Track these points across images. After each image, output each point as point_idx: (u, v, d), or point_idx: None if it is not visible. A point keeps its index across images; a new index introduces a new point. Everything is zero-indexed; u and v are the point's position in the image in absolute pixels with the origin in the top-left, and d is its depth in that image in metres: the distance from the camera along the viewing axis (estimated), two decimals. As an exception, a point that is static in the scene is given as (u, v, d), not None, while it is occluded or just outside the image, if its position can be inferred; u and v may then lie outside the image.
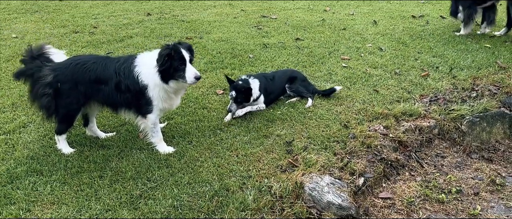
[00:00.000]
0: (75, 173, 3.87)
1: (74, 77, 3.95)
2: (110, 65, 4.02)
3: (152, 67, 3.93)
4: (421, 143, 4.81)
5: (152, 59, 3.97)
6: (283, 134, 4.55)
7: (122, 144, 4.33)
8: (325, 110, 5.08)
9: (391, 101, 5.30)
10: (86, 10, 9.36)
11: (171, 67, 3.89)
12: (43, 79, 3.93)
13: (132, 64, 4.00)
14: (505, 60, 6.48)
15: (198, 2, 10.08)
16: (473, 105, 5.24)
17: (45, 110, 4.04)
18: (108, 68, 3.99)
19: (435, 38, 7.42)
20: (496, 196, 4.17)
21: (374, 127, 4.74)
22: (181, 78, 3.95)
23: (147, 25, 8.18)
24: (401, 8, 9.41)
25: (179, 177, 3.82)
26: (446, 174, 4.48)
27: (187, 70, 3.92)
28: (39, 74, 3.96)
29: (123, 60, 4.06)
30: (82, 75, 3.96)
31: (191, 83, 3.99)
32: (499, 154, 4.98)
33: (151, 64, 3.94)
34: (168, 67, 3.89)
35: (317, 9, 9.44)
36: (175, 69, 3.91)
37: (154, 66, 3.92)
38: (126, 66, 3.99)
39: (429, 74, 6.04)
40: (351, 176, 4.01)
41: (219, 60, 6.46)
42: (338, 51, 6.89)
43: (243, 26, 8.18)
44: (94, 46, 7.00)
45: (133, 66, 3.98)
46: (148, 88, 3.98)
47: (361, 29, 7.92)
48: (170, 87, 4.01)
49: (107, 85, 3.98)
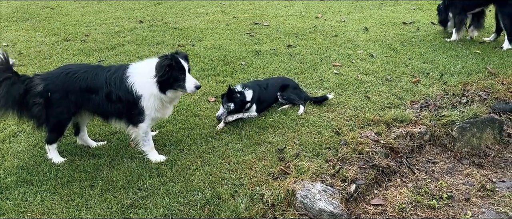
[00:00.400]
0: (65, 182, 3.84)
1: (64, 87, 3.93)
2: (101, 74, 4.00)
3: (148, 77, 3.89)
4: (412, 149, 4.84)
5: (146, 69, 3.95)
6: (275, 141, 4.55)
7: (113, 153, 4.31)
8: (317, 116, 5.10)
9: (382, 107, 5.33)
10: (77, 18, 9.33)
11: (170, 78, 3.88)
12: (33, 89, 3.91)
13: (125, 74, 3.97)
14: (495, 66, 6.55)
15: (190, 10, 10.09)
16: (464, 111, 5.28)
17: (35, 119, 4.00)
18: (99, 78, 3.97)
19: (425, 45, 7.48)
20: (487, 201, 4.20)
21: (365, 133, 4.76)
22: (181, 88, 3.95)
23: (139, 33, 8.17)
24: (392, 15, 9.49)
25: (170, 186, 3.80)
26: (437, 180, 4.50)
27: (187, 80, 3.93)
28: (30, 84, 3.94)
29: (114, 69, 4.04)
30: (73, 84, 3.94)
31: (191, 93, 4.02)
32: (490, 159, 5.02)
33: (147, 74, 3.91)
34: (168, 78, 3.87)
35: (309, 16, 9.49)
36: (175, 80, 3.91)
37: (150, 76, 3.89)
38: (118, 76, 3.97)
39: (420, 80, 6.09)
40: (343, 182, 4.02)
41: (211, 67, 6.47)
42: (330, 58, 6.92)
43: (235, 33, 8.20)
44: (85, 54, 6.98)
45: (125, 76, 3.95)
46: (142, 98, 3.95)
47: (353, 36, 7.97)
48: (167, 97, 4.00)
49: (97, 94, 3.96)
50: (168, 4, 10.65)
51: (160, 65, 3.86)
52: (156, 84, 3.89)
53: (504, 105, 5.73)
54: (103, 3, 10.72)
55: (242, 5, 10.56)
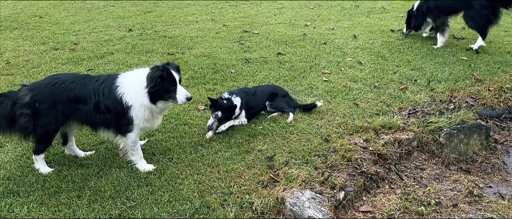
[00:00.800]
0: (53, 193, 3.81)
1: (52, 97, 3.90)
2: (89, 84, 3.98)
3: (138, 88, 3.89)
4: (401, 156, 4.87)
5: (136, 79, 3.94)
6: (264, 149, 4.56)
7: (101, 163, 4.28)
8: (306, 124, 5.12)
9: (370, 114, 5.37)
10: (66, 27, 9.29)
11: (161, 89, 3.88)
12: (20, 100, 3.87)
13: (114, 84, 3.95)
14: (482, 73, 6.64)
15: (180, 18, 10.10)
16: (451, 117, 5.34)
17: (22, 130, 3.96)
18: (87, 88, 3.96)
19: (413, 52, 7.57)
20: (474, 207, 4.23)
21: (354, 140, 4.79)
22: (172, 99, 3.96)
23: (129, 41, 8.16)
24: (380, 22, 9.58)
25: (159, 195, 3.79)
26: (425, 186, 4.54)
27: (178, 91, 3.93)
28: (17, 95, 3.90)
29: (103, 79, 4.03)
30: (60, 94, 3.92)
31: (182, 104, 4.01)
32: (477, 165, 5.07)
33: (137, 85, 3.91)
34: (159, 89, 3.87)
35: (298, 24, 9.56)
36: (166, 91, 3.90)
37: (140, 86, 3.88)
38: (107, 86, 3.96)
39: (408, 87, 6.15)
40: (332, 190, 4.03)
41: (201, 75, 6.47)
42: (319, 65, 6.97)
43: (225, 41, 8.23)
44: (74, 63, 6.95)
45: (115, 86, 3.93)
46: (131, 109, 3.94)
47: (341, 44, 8.03)
48: (157, 107, 4.00)
49: (86, 104, 3.95)
50: (158, 13, 10.66)
51: (151, 77, 3.84)
52: (146, 95, 3.88)
53: (490, 112, 5.80)
54: (92, 12, 10.70)
55: (232, 13, 10.60)
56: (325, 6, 11.10)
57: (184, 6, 11.25)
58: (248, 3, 11.58)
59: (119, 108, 3.92)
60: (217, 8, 11.05)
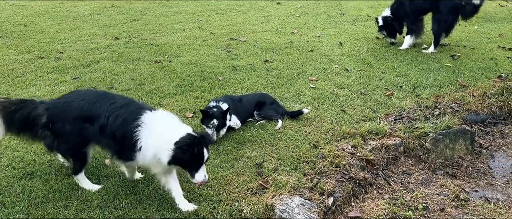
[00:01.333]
0: (39, 203, 3.75)
1: (66, 116, 3.73)
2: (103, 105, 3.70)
3: (161, 142, 3.44)
4: (388, 161, 4.93)
5: (163, 133, 3.48)
6: (253, 156, 4.57)
7: (88, 172, 4.23)
8: (295, 130, 5.14)
9: (357, 120, 5.43)
10: (52, 35, 9.20)
11: (186, 161, 3.49)
12: (39, 119, 3.74)
13: (135, 122, 3.53)
14: (466, 79, 6.76)
15: (167, 26, 10.09)
16: (436, 122, 5.42)
17: (47, 148, 3.90)
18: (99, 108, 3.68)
19: (398, 59, 7.68)
20: (461, 211, 4.29)
21: (342, 146, 4.83)
22: (189, 173, 3.58)
23: (115, 49, 8.11)
24: (365, 30, 9.70)
25: (147, 204, 3.76)
26: (413, 191, 4.59)
27: (200, 171, 3.53)
28: (36, 112, 3.77)
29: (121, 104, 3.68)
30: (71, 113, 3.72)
31: (195, 183, 3.64)
32: (463, 169, 5.15)
33: (161, 139, 3.46)
34: (183, 159, 3.47)
35: (285, 31, 9.62)
36: (188, 165, 3.53)
37: (163, 141, 3.42)
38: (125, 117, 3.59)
39: (393, 93, 6.23)
40: (321, 196, 4.06)
41: (188, 83, 6.46)
42: (306, 72, 7.02)
43: (213, 49, 8.24)
44: (60, 72, 6.88)
45: (135, 125, 3.52)
46: (140, 152, 3.54)
47: (328, 51, 8.11)
48: (169, 168, 3.62)
49: (92, 125, 3.69)
50: (144, 21, 10.62)
51: (182, 151, 3.40)
52: (167, 155, 3.43)
53: (475, 117, 5.91)
54: (78, 20, 10.62)
55: (219, 21, 10.63)
56: (311, 14, 11.20)
57: (171, 14, 11.24)
58: (235, 11, 11.62)
59: (127, 143, 3.56)
60: (204, 16, 11.06)
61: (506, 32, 9.29)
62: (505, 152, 5.56)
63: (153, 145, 3.47)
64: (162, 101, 5.79)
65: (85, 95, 3.87)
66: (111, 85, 6.34)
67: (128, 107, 3.67)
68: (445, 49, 8.30)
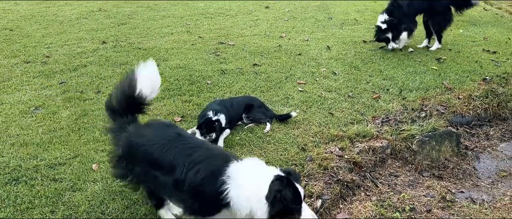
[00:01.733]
0: (25, 209, 3.71)
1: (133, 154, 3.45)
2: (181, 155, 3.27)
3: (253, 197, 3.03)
4: (375, 163, 4.97)
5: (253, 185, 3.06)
6: (241, 160, 4.56)
7: (75, 177, 4.19)
8: (283, 133, 5.16)
9: (345, 123, 5.47)
10: (38, 40, 9.10)
11: (284, 208, 3.00)
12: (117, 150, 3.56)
13: (220, 174, 3.10)
14: (451, 81, 6.85)
15: (155, 30, 10.05)
16: (423, 125, 5.48)
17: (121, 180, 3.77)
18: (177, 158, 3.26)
19: (385, 62, 7.76)
20: (447, 212, 4.34)
21: (330, 149, 4.86)
22: None
23: (102, 53, 8.06)
24: (352, 34, 9.78)
25: (135, 209, 3.74)
26: (400, 192, 4.63)
27: (303, 211, 3.08)
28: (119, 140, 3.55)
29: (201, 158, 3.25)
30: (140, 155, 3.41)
31: None
32: (449, 171, 5.21)
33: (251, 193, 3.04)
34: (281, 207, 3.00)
35: (273, 35, 9.65)
36: (289, 211, 3.05)
37: (255, 194, 3.02)
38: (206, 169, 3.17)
39: (380, 96, 6.29)
40: (309, 198, 4.07)
41: (176, 87, 6.45)
42: (294, 76, 7.05)
43: (201, 52, 8.23)
44: (46, 76, 6.81)
45: (221, 180, 3.08)
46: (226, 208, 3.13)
47: (316, 54, 8.16)
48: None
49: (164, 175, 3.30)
50: (132, 25, 10.57)
51: (275, 197, 2.97)
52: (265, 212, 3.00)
53: (460, 119, 5.99)
54: (64, 25, 10.52)
55: (207, 25, 10.62)
56: (299, 18, 11.26)
57: (159, 18, 11.20)
58: (223, 15, 11.63)
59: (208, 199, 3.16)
60: (192, 20, 11.05)
61: (490, 35, 9.44)
62: (490, 153, 5.65)
63: (245, 197, 3.04)
64: (150, 106, 5.75)
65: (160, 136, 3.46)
66: (98, 89, 6.30)
67: (215, 159, 3.25)
68: (431, 52, 8.41)
